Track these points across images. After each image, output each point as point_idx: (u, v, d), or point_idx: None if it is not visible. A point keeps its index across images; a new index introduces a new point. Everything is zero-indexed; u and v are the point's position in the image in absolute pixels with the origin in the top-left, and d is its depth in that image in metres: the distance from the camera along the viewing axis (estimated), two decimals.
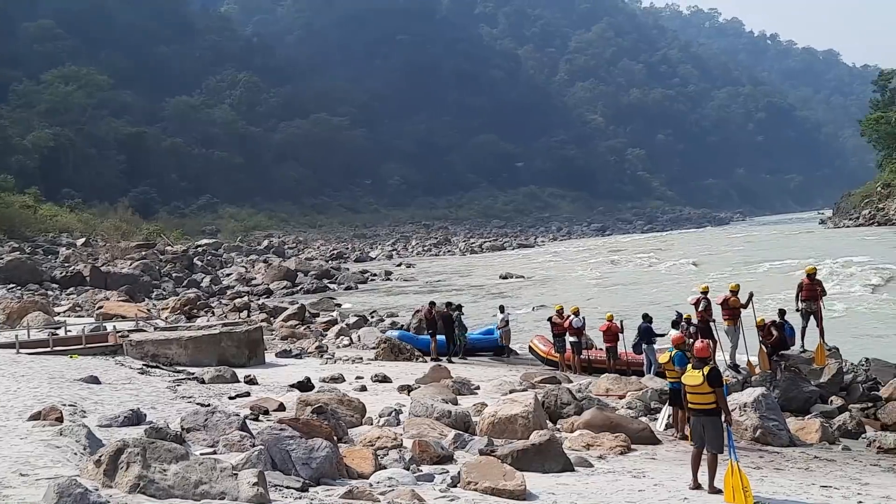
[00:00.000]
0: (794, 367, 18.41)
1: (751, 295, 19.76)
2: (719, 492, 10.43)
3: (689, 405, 11.09)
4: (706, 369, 10.78)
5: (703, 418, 10.85)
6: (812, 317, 19.50)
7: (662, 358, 14.29)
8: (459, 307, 27.20)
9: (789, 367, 18.36)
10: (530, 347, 25.46)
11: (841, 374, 18.27)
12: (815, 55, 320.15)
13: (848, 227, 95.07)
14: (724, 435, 10.69)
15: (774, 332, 18.62)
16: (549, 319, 24.25)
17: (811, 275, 19.87)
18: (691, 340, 14.84)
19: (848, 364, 18.87)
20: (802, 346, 19.49)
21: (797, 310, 19.76)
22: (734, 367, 19.27)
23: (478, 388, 18.66)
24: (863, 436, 15.22)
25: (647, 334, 21.36)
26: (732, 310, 19.53)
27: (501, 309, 27.28)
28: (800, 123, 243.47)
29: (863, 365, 19.27)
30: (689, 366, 11.16)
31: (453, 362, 24.63)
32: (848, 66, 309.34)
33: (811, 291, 19.54)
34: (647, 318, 21.73)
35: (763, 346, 18.83)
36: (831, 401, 17.46)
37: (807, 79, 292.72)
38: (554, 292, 44.07)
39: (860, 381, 18.29)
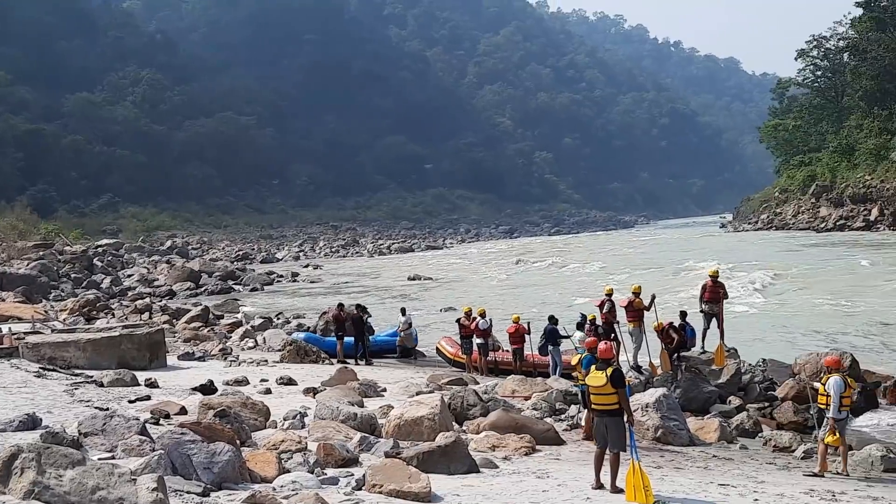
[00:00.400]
0: (694, 367, 18.79)
1: (653, 297, 20.13)
2: (621, 491, 10.58)
3: (593, 406, 11.26)
4: (609, 370, 10.94)
5: (605, 419, 11.00)
6: (714, 318, 19.95)
7: (573, 360, 14.44)
8: (364, 309, 27.08)
9: (690, 367, 18.74)
10: (437, 349, 25.46)
11: (739, 375, 18.70)
12: (717, 63, 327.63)
13: (747, 230, 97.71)
14: (626, 435, 10.87)
15: (674, 335, 18.97)
16: (458, 321, 24.30)
17: (714, 277, 20.33)
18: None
19: (746, 365, 19.33)
20: (703, 347, 19.92)
21: (701, 311, 20.19)
22: (637, 368, 19.60)
23: (384, 390, 18.61)
24: (759, 435, 15.59)
25: (552, 336, 21.54)
26: (636, 311, 19.86)
27: (403, 311, 27.18)
28: (702, 129, 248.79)
29: (760, 365, 19.77)
30: (594, 367, 11.31)
31: (371, 363, 24.71)
32: (748, 74, 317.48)
33: (714, 293, 19.99)
34: (552, 320, 21.92)
35: (664, 348, 19.19)
36: (730, 401, 17.85)
37: (708, 86, 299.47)
38: (461, 294, 44.27)
39: (757, 382, 18.75)
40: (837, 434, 12.50)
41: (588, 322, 20.16)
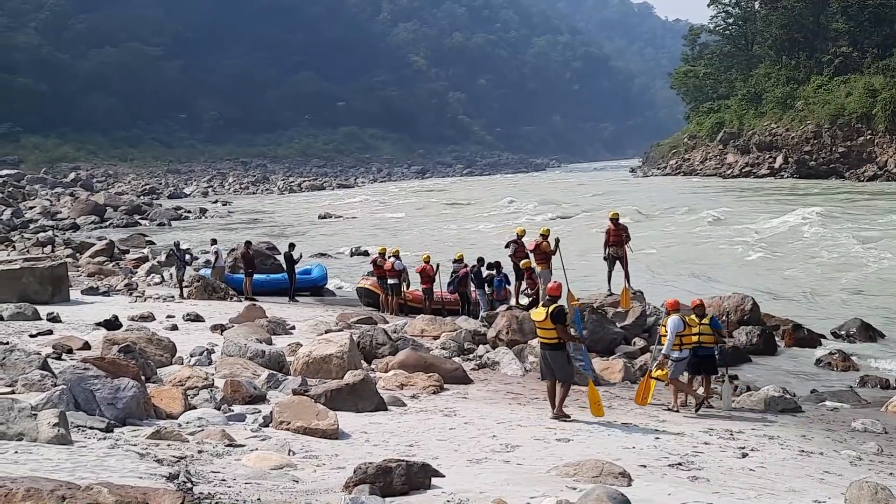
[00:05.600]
0: (600, 309, 19.07)
1: (557, 240, 20.32)
2: (566, 417, 11.56)
3: (538, 339, 12.23)
4: (551, 307, 11.77)
5: (546, 351, 11.94)
6: (618, 261, 20.22)
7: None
8: (293, 246, 26.70)
9: (596, 309, 19.01)
10: (363, 289, 24.99)
11: (644, 317, 19.04)
12: (631, 7, 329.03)
13: (656, 175, 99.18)
14: (569, 367, 11.97)
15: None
16: (373, 262, 24.22)
17: (615, 220, 20.52)
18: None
19: (651, 307, 19.68)
20: (609, 289, 20.22)
21: (604, 258, 20.44)
22: None
23: (293, 328, 18.54)
24: None
25: (479, 277, 21.66)
26: (543, 253, 20.03)
27: (213, 241, 27.63)
28: (614, 74, 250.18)
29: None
30: (541, 303, 12.23)
31: (296, 301, 24.92)
32: (661, 20, 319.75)
33: (617, 236, 20.23)
34: (480, 262, 21.98)
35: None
36: (634, 342, 18.20)
37: (622, 30, 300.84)
38: (373, 233, 44.23)
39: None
40: (666, 369, 12.95)
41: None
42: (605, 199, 58.90)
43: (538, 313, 11.99)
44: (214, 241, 27.63)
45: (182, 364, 13.58)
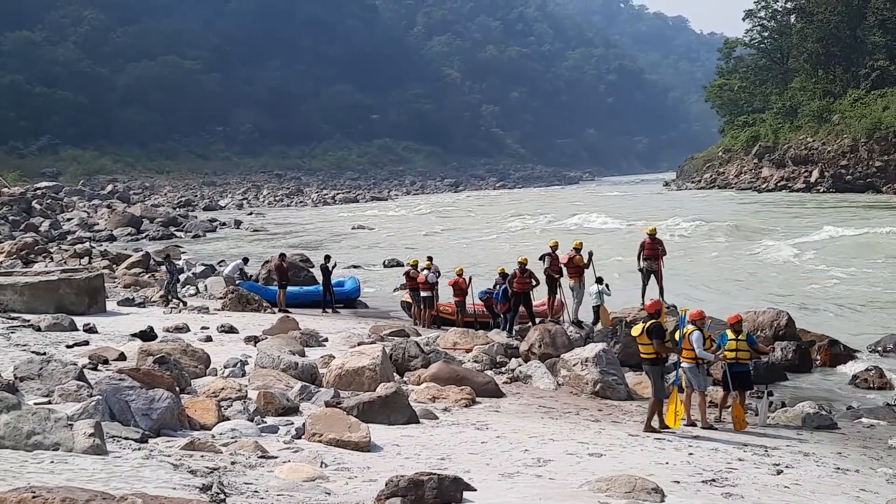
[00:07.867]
0: (633, 322, 18.96)
1: (590, 254, 20.27)
2: (654, 430, 11.95)
3: (641, 354, 12.70)
4: (648, 323, 12.31)
5: (645, 366, 12.63)
6: (653, 275, 20.15)
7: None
8: (329, 258, 26.87)
9: (629, 323, 18.92)
10: (407, 303, 25.02)
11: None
12: (666, 21, 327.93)
13: (690, 189, 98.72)
14: (661, 382, 12.30)
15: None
16: (405, 273, 24.31)
17: (652, 234, 20.48)
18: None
19: None
20: (643, 303, 20.11)
21: (639, 269, 20.38)
22: (577, 323, 19.76)
23: (326, 340, 18.60)
24: None
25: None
26: (577, 267, 19.98)
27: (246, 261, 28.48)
28: (648, 87, 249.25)
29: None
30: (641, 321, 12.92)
31: (338, 312, 25.22)
32: (696, 33, 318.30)
33: (652, 251, 20.17)
34: (504, 276, 21.88)
35: (603, 305, 19.41)
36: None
37: (656, 44, 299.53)
38: (407, 246, 44.29)
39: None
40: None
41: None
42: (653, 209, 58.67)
43: (636, 329, 12.61)
44: (247, 260, 28.41)
45: (216, 375, 13.67)
